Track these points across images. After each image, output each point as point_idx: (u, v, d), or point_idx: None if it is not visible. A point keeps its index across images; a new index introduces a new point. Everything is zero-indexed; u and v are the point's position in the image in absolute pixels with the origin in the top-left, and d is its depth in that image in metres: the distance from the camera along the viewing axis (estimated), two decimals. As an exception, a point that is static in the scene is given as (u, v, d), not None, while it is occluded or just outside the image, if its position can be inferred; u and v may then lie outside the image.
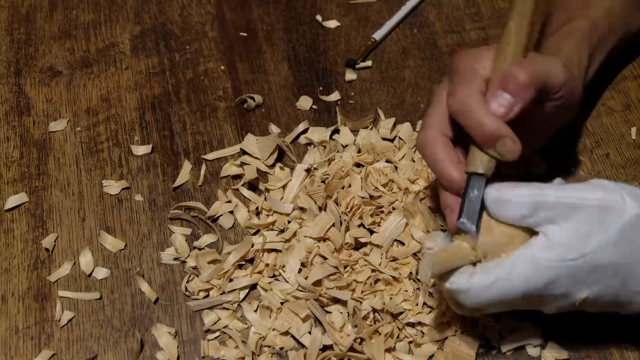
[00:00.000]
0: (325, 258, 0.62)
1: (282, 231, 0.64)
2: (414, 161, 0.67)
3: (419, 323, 0.59)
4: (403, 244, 0.63)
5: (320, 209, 0.64)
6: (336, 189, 0.65)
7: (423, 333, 0.59)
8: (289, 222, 0.65)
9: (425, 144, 0.54)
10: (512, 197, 0.49)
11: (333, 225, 0.63)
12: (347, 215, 0.63)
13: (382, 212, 0.64)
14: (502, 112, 0.50)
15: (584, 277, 0.49)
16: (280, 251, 0.63)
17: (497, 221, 0.51)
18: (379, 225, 0.63)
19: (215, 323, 0.60)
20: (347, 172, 0.66)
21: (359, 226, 0.63)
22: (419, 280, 0.59)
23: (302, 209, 0.64)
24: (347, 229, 0.63)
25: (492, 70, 0.52)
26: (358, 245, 0.63)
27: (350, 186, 0.65)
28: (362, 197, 0.64)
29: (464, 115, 0.51)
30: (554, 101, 0.54)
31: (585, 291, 0.49)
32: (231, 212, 0.66)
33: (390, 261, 0.62)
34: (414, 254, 0.62)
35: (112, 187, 0.68)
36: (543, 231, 0.49)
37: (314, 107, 0.72)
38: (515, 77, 0.50)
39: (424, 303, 0.59)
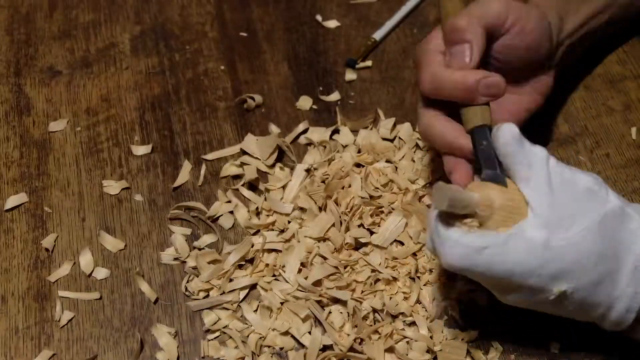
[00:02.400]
0: (325, 258, 0.62)
1: (282, 231, 0.64)
2: (414, 161, 0.67)
3: (414, 323, 0.59)
4: (403, 244, 0.63)
5: (320, 209, 0.64)
6: (336, 189, 0.65)
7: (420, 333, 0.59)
8: (289, 222, 0.64)
9: (427, 127, 0.56)
10: (528, 147, 0.50)
11: (333, 225, 0.63)
12: (347, 215, 0.63)
13: (382, 212, 0.64)
14: (464, 61, 0.53)
15: (567, 267, 0.48)
16: (280, 251, 0.63)
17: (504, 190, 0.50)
18: (379, 226, 0.63)
19: (215, 323, 0.60)
20: (347, 172, 0.66)
21: (359, 226, 0.63)
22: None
23: (302, 209, 0.64)
24: (347, 229, 0.63)
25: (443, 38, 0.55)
26: (358, 246, 0.63)
27: (350, 186, 0.65)
28: (362, 197, 0.64)
29: (438, 90, 0.54)
30: (509, 34, 0.56)
31: (564, 284, 0.48)
32: (231, 212, 0.66)
33: (391, 261, 0.62)
34: (414, 254, 0.62)
35: (112, 187, 0.68)
36: (532, 201, 0.49)
37: (314, 107, 0.72)
38: (454, 26, 0.53)
39: (419, 301, 0.60)
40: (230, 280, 0.62)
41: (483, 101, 0.52)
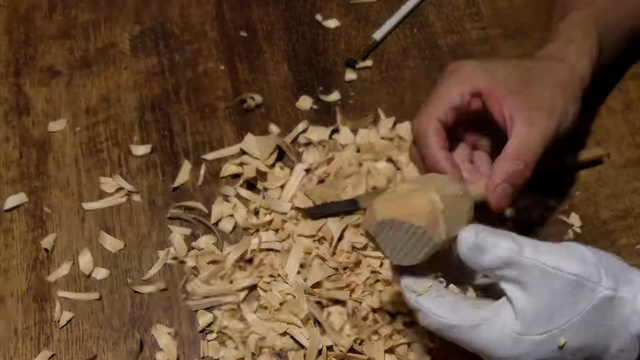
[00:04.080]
0: (324, 259, 0.61)
1: (276, 231, 0.64)
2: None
3: (414, 323, 0.59)
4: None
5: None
6: (335, 189, 0.65)
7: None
8: (285, 222, 0.64)
9: (418, 127, 0.55)
10: (490, 247, 0.46)
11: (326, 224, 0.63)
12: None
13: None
14: (504, 202, 0.53)
15: (543, 353, 0.46)
16: (279, 251, 0.63)
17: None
18: None
19: (210, 325, 0.60)
20: (347, 171, 0.66)
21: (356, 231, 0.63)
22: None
23: (299, 209, 0.64)
24: (342, 237, 0.62)
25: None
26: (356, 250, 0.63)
27: (350, 186, 0.65)
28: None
29: (420, 143, 0.55)
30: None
31: None
32: (231, 215, 0.65)
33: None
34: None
35: (109, 184, 0.68)
36: (509, 294, 0.46)
37: (314, 107, 0.72)
38: (515, 174, 0.53)
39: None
40: (230, 281, 0.62)
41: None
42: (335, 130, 0.70)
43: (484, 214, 0.52)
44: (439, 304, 0.48)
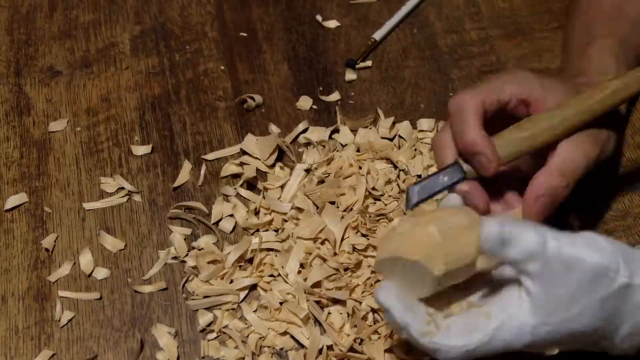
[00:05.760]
0: (325, 260, 0.62)
1: (276, 231, 0.64)
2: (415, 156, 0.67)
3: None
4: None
5: (317, 207, 0.64)
6: (335, 189, 0.65)
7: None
8: (285, 221, 0.65)
9: (458, 103, 0.53)
10: (514, 240, 0.46)
11: (327, 226, 0.63)
12: (346, 213, 0.63)
13: (382, 215, 0.64)
14: (541, 216, 0.52)
15: (558, 339, 0.47)
16: (279, 251, 0.63)
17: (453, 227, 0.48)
18: (375, 233, 0.63)
19: (210, 324, 0.60)
20: (347, 171, 0.66)
21: (356, 233, 0.63)
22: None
23: (298, 209, 0.64)
24: (343, 238, 0.63)
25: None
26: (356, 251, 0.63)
27: (349, 186, 0.65)
28: (362, 202, 0.64)
29: (457, 118, 0.52)
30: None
31: (555, 350, 0.48)
32: (231, 215, 0.66)
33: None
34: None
35: (110, 184, 0.68)
36: (526, 285, 0.47)
37: (314, 107, 0.72)
38: (557, 190, 0.52)
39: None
40: (231, 281, 0.62)
41: (471, 164, 0.52)
42: (335, 130, 0.70)
43: None
44: (454, 334, 0.48)
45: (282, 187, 0.67)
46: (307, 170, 0.67)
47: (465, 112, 0.52)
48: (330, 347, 0.58)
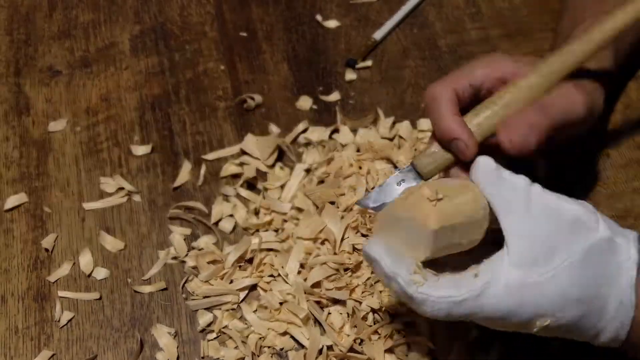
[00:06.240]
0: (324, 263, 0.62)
1: (276, 231, 0.64)
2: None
3: (414, 323, 0.59)
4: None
5: (317, 207, 0.64)
6: (335, 189, 0.65)
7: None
8: (285, 221, 0.64)
9: (431, 94, 0.54)
10: (505, 174, 0.48)
11: (326, 227, 0.63)
12: (346, 213, 0.63)
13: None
14: (517, 147, 0.51)
15: (547, 302, 0.46)
16: (279, 251, 0.63)
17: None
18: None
19: (210, 324, 0.60)
20: (347, 171, 0.66)
21: (356, 233, 0.63)
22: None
23: (298, 209, 0.64)
24: (343, 238, 0.62)
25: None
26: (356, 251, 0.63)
27: (349, 186, 0.65)
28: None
29: (431, 108, 0.53)
30: (573, 128, 0.55)
31: (546, 319, 0.47)
32: (231, 215, 0.66)
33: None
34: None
35: (109, 184, 0.68)
36: (507, 236, 0.47)
37: (314, 107, 0.72)
38: (538, 124, 0.52)
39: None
40: (230, 281, 0.62)
41: (450, 151, 0.53)
42: (335, 130, 0.70)
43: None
44: (441, 286, 0.47)
45: (282, 187, 0.67)
46: (307, 170, 0.67)
47: (437, 100, 0.53)
48: (330, 348, 0.58)
